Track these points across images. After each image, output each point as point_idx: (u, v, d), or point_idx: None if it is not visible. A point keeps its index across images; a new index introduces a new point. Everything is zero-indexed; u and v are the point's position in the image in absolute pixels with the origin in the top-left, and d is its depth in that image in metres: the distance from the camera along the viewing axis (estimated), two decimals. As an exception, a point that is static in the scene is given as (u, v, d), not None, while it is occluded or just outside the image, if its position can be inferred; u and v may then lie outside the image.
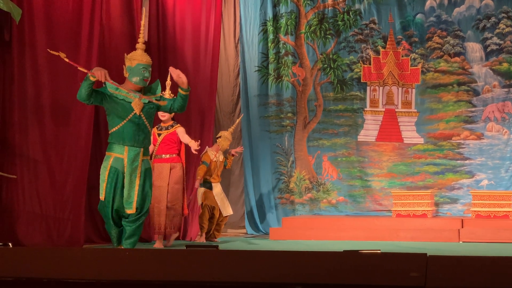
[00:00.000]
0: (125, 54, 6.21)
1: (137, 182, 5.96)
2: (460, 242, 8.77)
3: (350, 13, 10.95)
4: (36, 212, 7.15)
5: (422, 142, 10.67)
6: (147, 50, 9.34)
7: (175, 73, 5.98)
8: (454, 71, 10.66)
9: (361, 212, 10.60)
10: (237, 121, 9.99)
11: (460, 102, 10.61)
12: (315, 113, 10.95)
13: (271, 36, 11.04)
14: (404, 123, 10.76)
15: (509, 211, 9.24)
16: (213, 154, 9.01)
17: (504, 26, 10.50)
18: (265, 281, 2.12)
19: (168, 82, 8.26)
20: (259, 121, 10.96)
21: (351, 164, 10.82)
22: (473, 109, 10.56)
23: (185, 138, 8.08)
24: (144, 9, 6.56)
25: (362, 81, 10.87)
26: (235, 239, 9.70)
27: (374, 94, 10.84)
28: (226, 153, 9.45)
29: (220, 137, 9.29)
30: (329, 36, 11.00)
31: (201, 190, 8.98)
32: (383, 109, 10.81)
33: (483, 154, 10.44)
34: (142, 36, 6.18)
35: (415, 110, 10.73)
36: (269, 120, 10.99)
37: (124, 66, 6.13)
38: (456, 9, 10.71)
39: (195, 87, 9.36)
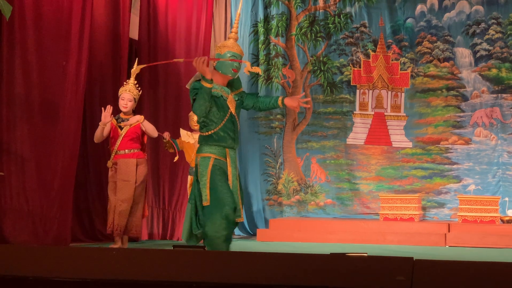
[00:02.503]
0: (216, 44, 5.84)
1: (238, 186, 5.35)
2: (447, 246, 8.81)
3: (341, 16, 10.97)
4: (23, 209, 7.11)
5: (411, 146, 10.70)
6: (137, 49, 9.40)
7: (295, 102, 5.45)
8: (443, 76, 10.70)
9: (349, 215, 10.62)
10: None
11: (448, 107, 10.65)
12: (305, 115, 10.96)
13: (261, 38, 11.04)
14: (393, 127, 10.79)
15: (495, 216, 9.29)
16: (186, 135, 8.52)
17: (494, 32, 10.55)
18: (252, 282, 2.12)
19: (134, 70, 7.60)
20: (248, 122, 10.96)
21: (340, 167, 10.83)
22: (461, 114, 10.61)
23: (153, 131, 7.64)
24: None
25: (351, 84, 10.89)
26: (222, 240, 9.67)
27: (364, 98, 10.87)
28: None
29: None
30: (320, 39, 11.01)
31: (189, 178, 8.55)
32: (372, 113, 10.84)
33: (471, 159, 10.49)
34: (237, 26, 5.69)
35: (404, 114, 10.76)
36: (258, 121, 10.99)
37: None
38: (447, 15, 10.75)
39: (185, 87, 9.34)
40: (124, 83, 7.68)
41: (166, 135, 8.08)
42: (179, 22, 10.04)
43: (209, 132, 5.31)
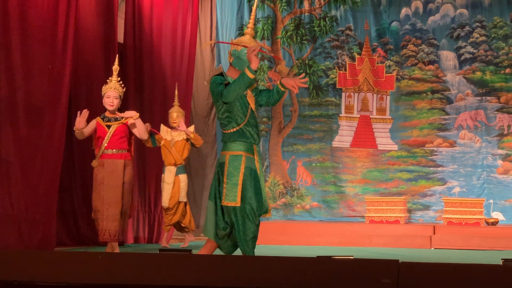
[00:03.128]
0: (231, 39, 5.75)
1: (264, 183, 5.34)
2: (432, 248, 8.84)
3: (327, 19, 11.00)
4: (8, 213, 7.06)
5: (396, 148, 10.75)
6: (122, 52, 9.37)
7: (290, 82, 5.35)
8: (428, 79, 10.76)
9: (335, 218, 10.63)
10: (176, 91, 8.84)
11: (433, 109, 10.71)
12: (290, 118, 10.97)
13: (247, 41, 11.03)
14: (378, 130, 10.83)
15: (480, 219, 9.34)
16: (165, 131, 8.39)
17: (478, 35, 10.62)
18: (238, 285, 2.12)
19: (116, 67, 7.42)
20: (234, 126, 10.94)
21: (326, 170, 10.85)
22: (446, 117, 10.67)
23: (144, 132, 7.36)
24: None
25: (337, 87, 10.92)
26: (209, 243, 9.66)
27: (349, 100, 10.90)
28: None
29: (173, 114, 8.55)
30: (305, 42, 11.04)
31: (162, 176, 8.44)
32: (358, 116, 10.87)
33: (456, 161, 10.54)
34: (253, 22, 5.60)
35: (390, 117, 10.80)
36: (244, 124, 10.98)
37: (229, 51, 5.48)
38: (431, 18, 10.82)
39: (171, 91, 9.35)
40: (107, 81, 7.37)
41: (147, 126, 8.02)
42: (164, 25, 10.02)
43: (235, 129, 5.27)
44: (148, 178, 9.53)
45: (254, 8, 5.73)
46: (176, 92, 8.81)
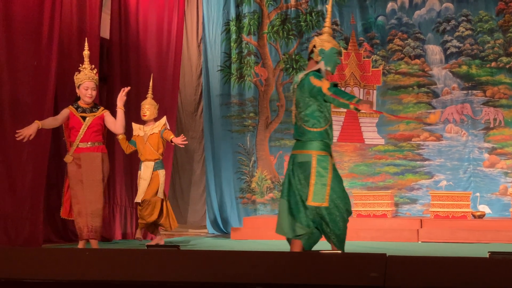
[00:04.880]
0: (315, 37, 5.68)
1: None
2: (419, 242, 8.88)
3: (313, 14, 11.00)
4: (-6, 211, 7.03)
5: (383, 143, 10.78)
6: (108, 48, 9.33)
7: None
8: (414, 73, 10.79)
9: (322, 212, 10.64)
10: (150, 83, 8.44)
11: (420, 103, 10.74)
12: (277, 113, 10.98)
13: (233, 36, 11.04)
14: (365, 124, 10.85)
15: (467, 212, 9.38)
16: (138, 128, 8.10)
17: (464, 29, 10.66)
18: (226, 281, 2.12)
19: (86, 53, 6.99)
20: (221, 121, 10.95)
21: (313, 164, 10.85)
22: (432, 110, 10.70)
23: (123, 125, 6.94)
24: None
25: (324, 82, 10.92)
26: (196, 238, 9.68)
27: (336, 95, 10.91)
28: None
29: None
30: (292, 37, 11.04)
31: (139, 172, 8.11)
32: (345, 110, 10.89)
33: (442, 155, 10.59)
34: (329, 20, 5.52)
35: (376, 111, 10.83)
36: (231, 120, 10.99)
37: (314, 48, 5.41)
38: (417, 12, 10.84)
39: (157, 86, 9.32)
40: (80, 69, 6.92)
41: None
42: (150, 21, 9.99)
43: (323, 128, 5.33)
44: (135, 173, 9.47)
45: (329, 6, 5.60)
46: (151, 83, 8.42)
